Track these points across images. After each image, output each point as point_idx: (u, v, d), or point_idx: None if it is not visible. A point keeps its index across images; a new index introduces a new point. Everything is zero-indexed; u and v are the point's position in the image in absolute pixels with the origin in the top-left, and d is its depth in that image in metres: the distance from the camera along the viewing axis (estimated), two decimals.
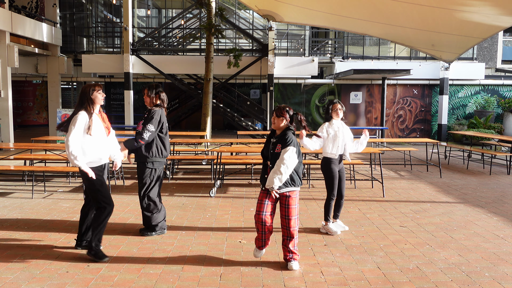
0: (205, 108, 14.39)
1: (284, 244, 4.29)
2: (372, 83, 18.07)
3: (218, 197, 7.32)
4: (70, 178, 8.70)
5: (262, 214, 4.16)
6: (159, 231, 5.19)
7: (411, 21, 8.19)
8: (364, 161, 10.43)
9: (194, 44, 19.03)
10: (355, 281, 3.97)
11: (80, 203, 6.80)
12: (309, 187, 8.23)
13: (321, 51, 20.03)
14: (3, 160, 9.05)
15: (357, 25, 9.58)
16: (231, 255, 4.59)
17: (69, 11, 19.31)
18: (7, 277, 3.97)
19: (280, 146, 4.12)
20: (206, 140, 10.86)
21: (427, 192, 7.92)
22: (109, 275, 4.04)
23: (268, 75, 15.89)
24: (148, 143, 4.97)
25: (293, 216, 4.20)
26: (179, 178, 9.15)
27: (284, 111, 4.22)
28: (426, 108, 18.26)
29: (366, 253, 4.71)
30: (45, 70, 16.93)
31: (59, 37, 16.59)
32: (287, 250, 4.27)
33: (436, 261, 4.49)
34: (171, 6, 21.94)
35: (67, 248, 4.74)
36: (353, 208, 6.69)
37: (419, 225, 5.78)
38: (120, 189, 7.91)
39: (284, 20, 10.49)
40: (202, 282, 3.92)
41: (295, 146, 4.11)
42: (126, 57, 15.77)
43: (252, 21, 19.49)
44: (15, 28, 13.39)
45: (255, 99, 20.66)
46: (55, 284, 3.84)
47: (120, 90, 21.06)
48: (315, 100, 18.56)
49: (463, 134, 12.64)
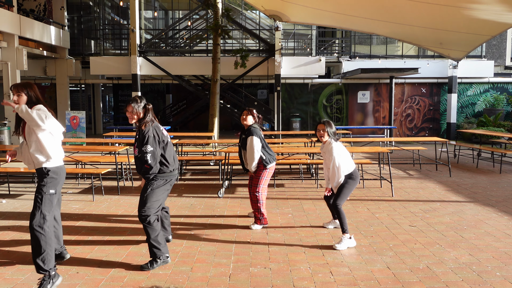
0: (212, 108, 14.41)
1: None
2: (379, 82, 17.99)
3: (226, 198, 7.33)
4: (79, 180, 8.75)
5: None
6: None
7: (419, 20, 8.15)
8: (373, 161, 10.39)
9: (201, 45, 19.07)
10: (365, 281, 3.95)
11: (90, 204, 6.84)
12: (317, 187, 8.21)
13: (328, 51, 19.99)
14: (13, 163, 9.12)
15: (364, 24, 9.55)
16: (240, 256, 4.59)
17: (77, 13, 19.44)
18: (18, 278, 4.00)
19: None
20: (213, 141, 10.87)
21: (437, 191, 7.87)
22: (118, 275, 4.06)
23: (275, 75, 15.89)
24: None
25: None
26: (187, 179, 9.17)
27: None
28: (435, 106, 18.14)
29: (376, 253, 4.69)
30: (54, 73, 17.06)
31: (67, 40, 16.70)
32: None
33: (446, 260, 4.46)
34: (178, 7, 22.00)
35: (77, 250, 4.76)
36: (362, 207, 6.66)
37: (429, 225, 5.75)
38: (129, 190, 7.94)
39: (290, 20, 10.48)
40: (211, 282, 3.93)
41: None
42: (134, 59, 15.84)
43: (259, 22, 19.49)
44: (24, 31, 13.50)
45: (263, 99, 20.66)
46: (65, 285, 3.86)
47: (128, 92, 21.16)
48: (322, 100, 18.52)
49: (473, 132, 12.53)
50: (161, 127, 4.43)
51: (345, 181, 4.96)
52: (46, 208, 3.81)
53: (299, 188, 8.13)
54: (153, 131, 4.26)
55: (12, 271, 4.17)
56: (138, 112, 4.25)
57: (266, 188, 5.63)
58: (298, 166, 10.01)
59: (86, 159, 8.36)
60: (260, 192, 5.54)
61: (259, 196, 5.53)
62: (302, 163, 9.08)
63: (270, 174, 5.62)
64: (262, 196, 5.55)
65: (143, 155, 4.18)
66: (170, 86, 21.14)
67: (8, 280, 3.98)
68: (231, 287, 3.83)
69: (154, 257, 4.27)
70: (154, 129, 4.29)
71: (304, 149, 8.81)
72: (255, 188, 5.54)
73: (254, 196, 5.55)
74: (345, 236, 4.86)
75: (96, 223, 5.80)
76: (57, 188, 3.90)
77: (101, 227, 5.62)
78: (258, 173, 5.52)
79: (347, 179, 4.97)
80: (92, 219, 6.01)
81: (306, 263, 4.40)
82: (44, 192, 3.81)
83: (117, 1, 20.20)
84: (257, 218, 5.60)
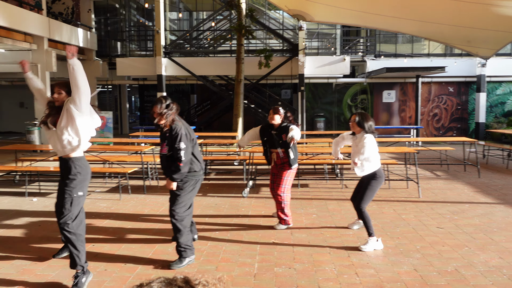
0: (236, 109, 14.46)
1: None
2: (405, 81, 17.71)
3: (251, 198, 7.34)
4: (106, 179, 8.91)
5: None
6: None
7: (446, 17, 7.99)
8: (399, 161, 10.24)
9: (225, 46, 19.15)
10: (391, 283, 3.90)
11: (117, 203, 6.96)
12: (342, 188, 8.15)
13: (353, 50, 19.79)
14: (43, 162, 9.36)
15: (390, 23, 9.42)
16: (264, 255, 4.59)
17: (104, 16, 19.79)
18: (49, 274, 4.11)
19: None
20: (238, 141, 10.90)
21: (465, 193, 7.70)
22: (145, 273, 4.12)
23: (299, 75, 15.83)
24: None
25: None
26: (212, 178, 9.23)
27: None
28: (463, 106, 17.76)
29: (402, 254, 4.62)
30: None
31: (95, 42, 17.02)
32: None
33: (475, 263, 4.36)
34: (202, 8, 22.17)
35: (105, 248, 4.85)
36: (388, 208, 6.58)
37: (457, 227, 5.63)
38: (155, 189, 8.04)
39: (314, 20, 10.42)
40: (236, 282, 3.94)
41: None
42: (159, 59, 16.03)
43: (282, 21, 19.45)
44: (53, 34, 13.82)
45: (286, 99, 20.61)
46: (95, 281, 3.94)
47: (153, 93, 21.39)
48: (347, 100, 18.36)
49: (502, 132, 12.22)
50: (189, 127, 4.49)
51: (368, 183, 4.87)
52: (75, 210, 3.88)
53: (323, 189, 8.08)
54: (185, 129, 4.28)
55: (43, 267, 4.29)
56: (162, 112, 4.26)
57: (289, 189, 5.63)
58: (322, 166, 9.96)
59: (113, 158, 8.51)
60: (285, 193, 5.53)
61: (283, 197, 5.51)
62: (327, 163, 9.03)
63: (294, 175, 5.65)
64: (286, 196, 5.55)
65: (177, 152, 4.19)
66: (194, 86, 21.29)
67: (39, 276, 4.09)
68: (256, 287, 3.84)
69: (183, 256, 4.33)
70: (186, 127, 4.32)
71: (329, 149, 8.74)
72: (278, 188, 5.52)
73: (278, 197, 5.53)
74: (372, 240, 4.78)
75: (123, 222, 5.89)
76: (84, 190, 3.97)
77: (128, 226, 5.71)
78: (282, 172, 5.52)
79: (370, 179, 4.86)
80: (119, 217, 6.11)
81: (331, 264, 4.37)
82: (73, 195, 3.86)
83: (143, 3, 20.49)
84: (281, 218, 5.58)
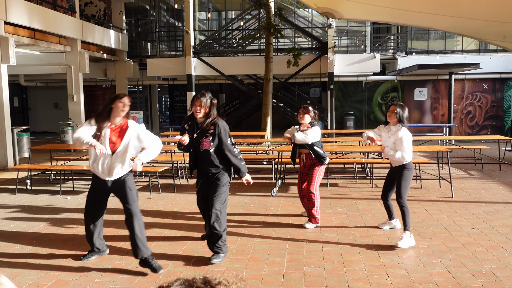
0: (265, 108, 14.47)
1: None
2: (438, 79, 17.30)
3: (280, 197, 7.34)
4: (137, 178, 9.07)
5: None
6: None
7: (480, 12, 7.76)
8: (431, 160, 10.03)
9: (254, 45, 19.18)
10: (423, 284, 3.83)
11: (147, 201, 7.08)
12: (373, 187, 8.04)
13: (383, 47, 19.47)
14: (76, 161, 9.61)
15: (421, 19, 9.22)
16: (293, 255, 4.58)
17: (134, 17, 20.15)
18: (83, 271, 4.21)
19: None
20: (266, 140, 10.91)
21: (500, 193, 7.47)
22: (175, 271, 4.18)
23: (328, 73, 15.69)
24: (222, 154, 4.43)
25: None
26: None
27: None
28: (498, 103, 17.22)
29: (434, 255, 4.53)
30: (113, 75, 17.78)
31: (126, 43, 17.36)
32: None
33: (511, 265, 4.23)
34: (231, 8, 22.27)
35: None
36: (420, 208, 6.45)
37: (492, 227, 5.47)
38: (184, 188, 8.14)
39: (343, 17, 10.30)
40: (265, 280, 3.95)
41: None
42: (188, 59, 16.20)
43: (311, 19, 19.32)
44: (86, 36, 14.17)
45: (315, 98, 20.48)
46: (125, 278, 4.03)
47: (183, 92, 21.63)
48: (377, 98, 18.08)
49: None
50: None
51: (401, 174, 4.88)
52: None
53: (353, 188, 8.00)
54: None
55: (77, 263, 4.40)
56: (206, 106, 4.31)
57: (318, 187, 5.63)
58: (352, 165, 9.85)
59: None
60: (316, 191, 5.54)
61: (316, 195, 5.51)
62: (357, 162, 8.92)
63: (323, 172, 5.69)
64: (317, 194, 5.56)
65: (231, 147, 4.39)
66: (223, 86, 21.43)
67: (74, 273, 4.20)
68: (285, 286, 3.84)
69: (221, 251, 4.38)
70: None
71: (359, 148, 8.66)
72: (310, 186, 5.52)
73: (311, 195, 5.50)
74: (406, 234, 4.76)
75: (153, 220, 5.99)
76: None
77: (158, 224, 5.80)
78: (313, 170, 5.54)
79: (403, 170, 4.88)
80: (150, 215, 6.21)
81: (361, 264, 4.32)
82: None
83: (172, 4, 20.75)
84: (313, 216, 5.56)
